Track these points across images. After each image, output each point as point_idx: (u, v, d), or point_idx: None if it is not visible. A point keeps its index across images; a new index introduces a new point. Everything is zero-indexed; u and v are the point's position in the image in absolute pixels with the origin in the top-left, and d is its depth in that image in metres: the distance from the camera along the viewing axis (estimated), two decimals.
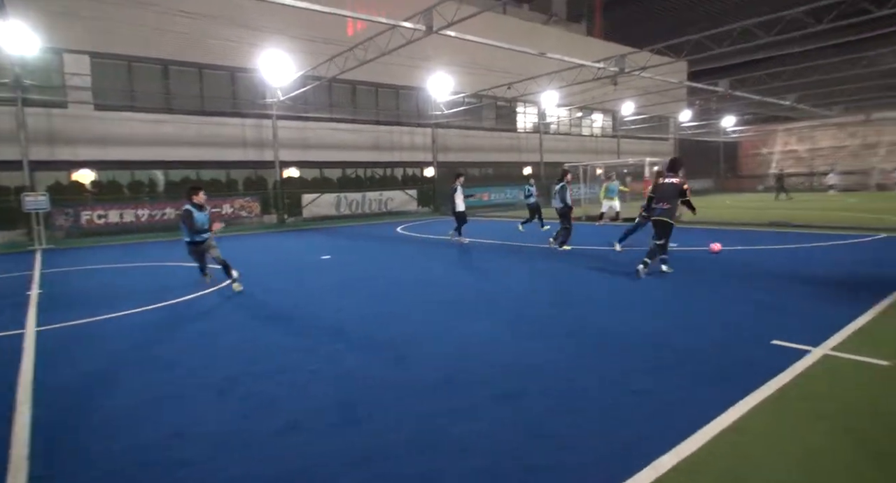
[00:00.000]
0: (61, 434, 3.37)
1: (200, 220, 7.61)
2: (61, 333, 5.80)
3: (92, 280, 9.55)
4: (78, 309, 6.87)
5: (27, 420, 3.56)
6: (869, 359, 4.16)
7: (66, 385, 4.24)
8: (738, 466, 2.73)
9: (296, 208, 22.67)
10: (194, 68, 20.84)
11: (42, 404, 3.83)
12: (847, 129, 43.14)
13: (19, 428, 3.44)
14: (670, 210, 7.97)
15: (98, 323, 6.19)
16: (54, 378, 4.40)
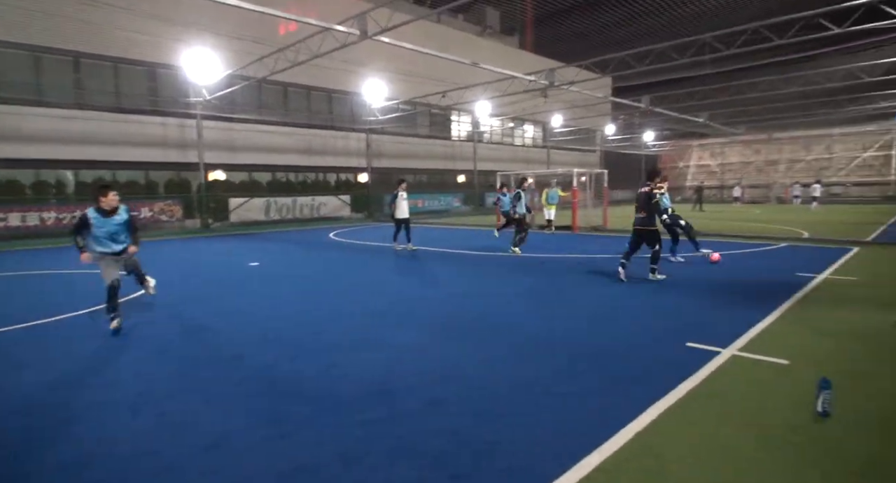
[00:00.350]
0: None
1: (102, 232, 5.74)
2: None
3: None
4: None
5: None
6: (771, 358, 4.51)
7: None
8: (655, 465, 2.87)
9: (222, 213, 21.72)
10: (109, 62, 19.56)
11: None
12: (752, 147, 46.92)
13: None
14: (647, 218, 8.02)
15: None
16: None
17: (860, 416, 3.42)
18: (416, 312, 6.52)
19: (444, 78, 27.15)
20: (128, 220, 5.98)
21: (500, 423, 3.40)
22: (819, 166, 42.96)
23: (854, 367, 4.32)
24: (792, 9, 16.17)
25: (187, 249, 14.14)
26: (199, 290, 8.19)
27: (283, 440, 3.20)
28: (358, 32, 14.83)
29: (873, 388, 3.88)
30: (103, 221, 5.78)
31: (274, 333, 5.60)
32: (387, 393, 3.91)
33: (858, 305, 6.47)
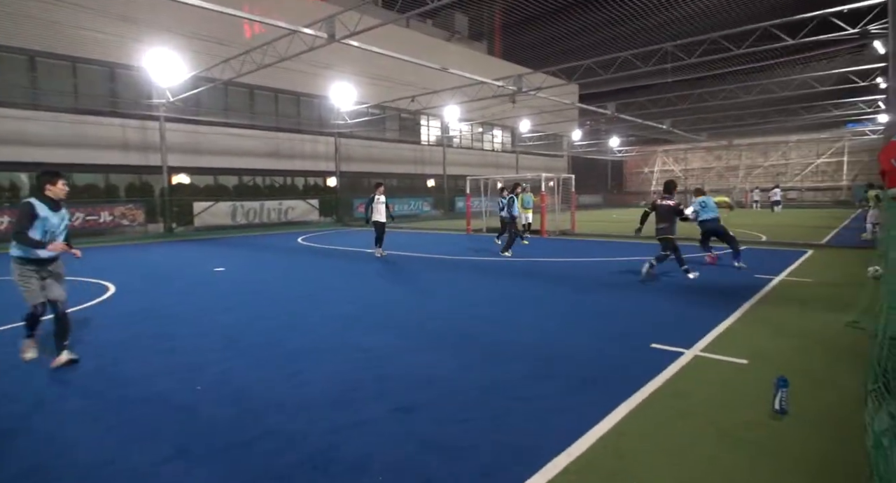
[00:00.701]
0: None
1: (49, 226, 4.64)
2: None
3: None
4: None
5: None
6: (731, 358, 4.64)
7: None
8: (621, 465, 2.92)
9: (186, 217, 21.19)
10: (67, 62, 18.90)
11: None
12: (713, 153, 48.43)
13: None
14: (668, 228, 8.71)
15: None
16: None
17: (815, 413, 3.55)
18: (384, 318, 6.48)
19: (414, 82, 27.19)
20: (68, 221, 4.99)
21: (469, 427, 3.40)
22: (776, 172, 44.61)
23: (809, 365, 4.49)
24: (748, 20, 16.81)
25: (149, 254, 13.74)
26: (161, 296, 7.96)
27: (244, 449, 3.14)
28: (326, 36, 14.73)
29: (828, 386, 4.03)
30: (48, 215, 4.63)
31: (238, 340, 5.48)
32: (354, 400, 3.88)
33: (813, 306, 6.72)
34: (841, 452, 3.04)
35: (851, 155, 41.52)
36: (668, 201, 8.81)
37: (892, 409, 3.08)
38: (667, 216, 8.71)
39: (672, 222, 8.72)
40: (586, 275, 9.57)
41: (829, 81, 26.37)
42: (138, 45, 19.04)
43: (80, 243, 9.67)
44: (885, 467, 2.66)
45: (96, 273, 10.08)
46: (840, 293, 7.41)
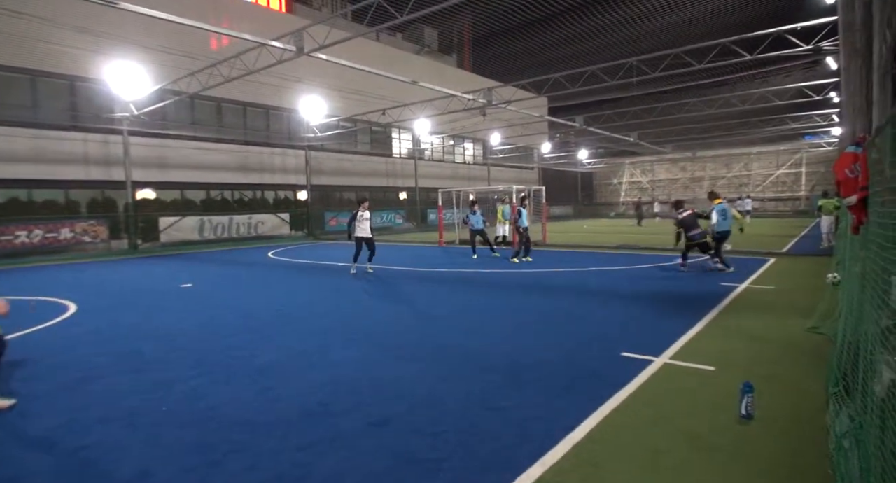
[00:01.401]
0: None
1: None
2: None
3: None
4: None
5: None
6: (699, 365, 4.73)
7: None
8: (594, 473, 2.94)
9: (152, 233, 20.64)
10: (25, 75, 18.33)
11: None
12: (679, 164, 49.69)
13: None
14: (703, 232, 10.60)
15: None
16: None
17: (780, 417, 3.64)
18: (356, 331, 6.41)
19: (385, 95, 27.25)
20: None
21: (443, 439, 3.37)
22: (739, 182, 45.98)
23: (773, 371, 4.60)
24: (709, 36, 17.41)
25: (113, 272, 13.32)
26: (125, 314, 7.70)
27: (211, 468, 3.04)
28: (294, 49, 14.66)
29: (791, 391, 4.14)
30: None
31: (206, 357, 5.34)
32: (326, 415, 3.81)
33: (776, 313, 6.92)
34: (805, 454, 3.12)
35: (809, 166, 43.15)
36: (689, 211, 10.70)
37: (851, 412, 3.18)
38: (695, 223, 10.59)
39: (699, 226, 10.54)
40: (558, 284, 9.66)
41: (786, 95, 27.45)
42: (100, 57, 18.60)
43: (38, 261, 9.34)
44: (846, 468, 2.74)
45: (56, 292, 9.72)
46: (801, 300, 7.65)
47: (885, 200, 2.43)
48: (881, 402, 2.19)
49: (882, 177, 2.59)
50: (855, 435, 2.89)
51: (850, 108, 5.94)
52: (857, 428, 2.89)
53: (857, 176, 2.83)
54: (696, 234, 10.60)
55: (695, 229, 10.60)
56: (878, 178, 2.75)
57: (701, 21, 25.40)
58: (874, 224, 2.74)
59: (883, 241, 2.44)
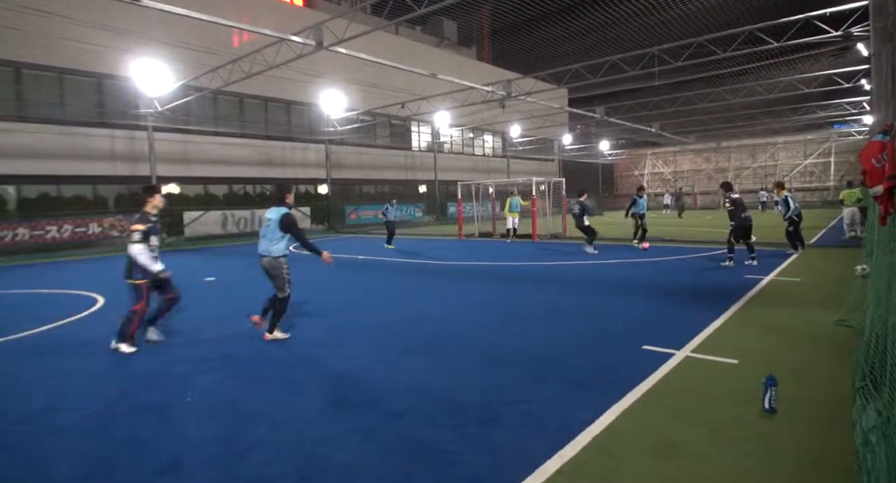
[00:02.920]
0: None
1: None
2: None
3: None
4: None
5: None
6: (722, 358, 4.66)
7: None
8: (613, 465, 2.92)
9: (176, 227, 21.05)
10: (53, 73, 18.78)
11: None
12: (703, 155, 48.78)
13: None
14: (749, 215, 10.27)
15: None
16: None
17: (804, 411, 3.57)
18: (376, 323, 6.46)
19: (404, 89, 27.25)
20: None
21: (463, 432, 3.39)
22: (765, 173, 44.97)
23: (798, 364, 4.52)
24: (734, 24, 17.01)
25: None
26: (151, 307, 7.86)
27: (238, 459, 3.11)
28: (314, 43, 14.74)
29: (816, 384, 4.06)
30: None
31: (229, 350, 5.45)
32: (345, 407, 3.86)
33: (802, 305, 6.78)
34: (830, 449, 3.06)
35: (838, 156, 41.98)
36: (737, 194, 10.39)
37: (879, 406, 3.11)
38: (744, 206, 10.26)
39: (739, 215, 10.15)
40: (578, 278, 9.60)
41: (814, 83, 26.70)
42: (125, 55, 18.95)
43: (68, 255, 9.60)
44: (874, 463, 2.68)
45: (84, 285, 9.98)
46: (828, 292, 7.47)
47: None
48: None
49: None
50: (882, 429, 2.83)
51: (880, 96, 5.75)
52: (885, 422, 2.82)
53: (883, 165, 2.75)
54: (748, 217, 10.19)
55: (746, 212, 10.23)
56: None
57: (725, 8, 24.76)
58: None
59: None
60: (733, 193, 10.38)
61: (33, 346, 5.85)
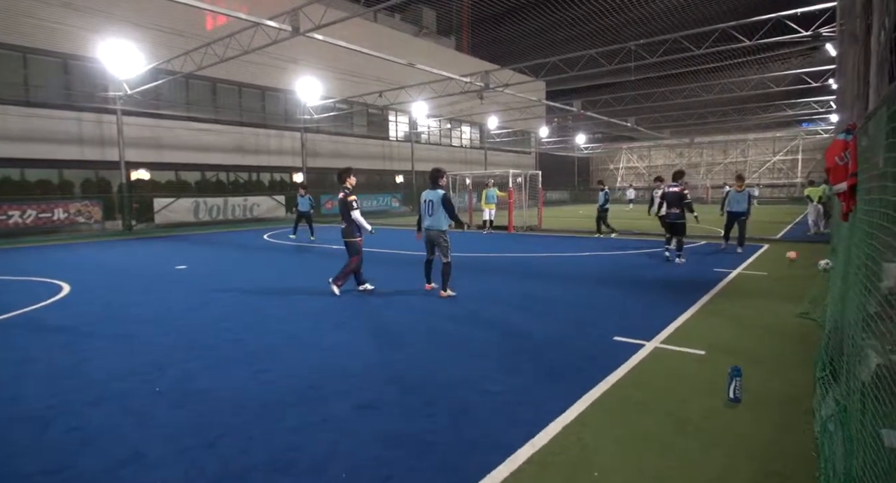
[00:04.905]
0: None
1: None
2: None
3: None
4: None
5: None
6: (689, 349, 4.78)
7: None
8: (582, 455, 2.98)
9: (146, 214, 20.56)
10: (17, 52, 18.06)
11: None
12: (676, 150, 49.63)
13: None
14: (679, 213, 9.92)
15: None
16: None
17: (768, 400, 3.69)
18: (349, 314, 6.44)
19: (382, 77, 26.98)
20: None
21: (434, 423, 3.41)
22: (736, 169, 45.99)
23: (763, 355, 4.66)
24: (708, 21, 17.28)
25: (107, 253, 13.28)
26: (119, 296, 7.70)
27: (204, 450, 3.08)
28: (290, 28, 14.47)
29: (780, 375, 4.20)
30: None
31: (200, 339, 5.36)
32: (318, 398, 3.84)
33: (767, 298, 6.98)
34: (791, 437, 3.17)
35: (805, 153, 43.18)
36: (675, 188, 10.00)
37: (837, 396, 3.23)
38: (676, 202, 9.93)
39: (682, 209, 9.90)
40: (551, 269, 9.70)
41: (784, 82, 27.36)
42: (93, 35, 18.32)
43: (32, 241, 9.32)
44: (831, 450, 2.79)
45: (49, 272, 9.70)
46: (793, 286, 7.71)
47: (872, 187, 2.44)
48: (863, 385, 2.23)
49: (870, 164, 2.60)
50: (840, 418, 2.94)
51: (846, 96, 5.92)
52: (842, 411, 2.94)
53: (846, 163, 2.84)
54: (673, 213, 9.98)
55: (673, 208, 9.97)
56: (865, 166, 2.76)
57: (700, 5, 25.11)
58: (861, 211, 2.75)
59: (868, 228, 2.45)
60: (666, 186, 10.24)
61: None
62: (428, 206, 7.17)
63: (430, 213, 7.15)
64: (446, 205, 7.03)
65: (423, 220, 7.25)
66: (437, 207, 7.06)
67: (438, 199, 7.05)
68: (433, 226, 7.13)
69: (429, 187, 7.27)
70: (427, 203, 7.19)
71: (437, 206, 7.07)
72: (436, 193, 7.12)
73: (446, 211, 7.05)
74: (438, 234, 7.12)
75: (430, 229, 7.18)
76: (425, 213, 7.20)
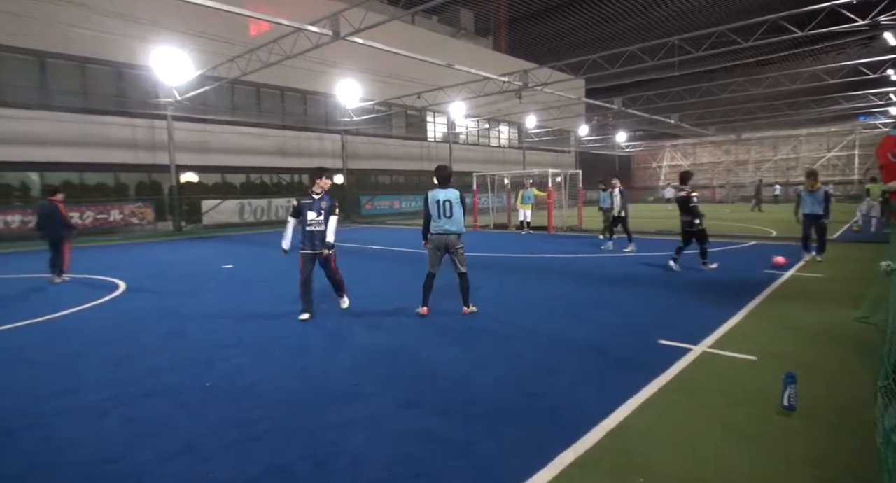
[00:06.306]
0: None
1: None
2: None
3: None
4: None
5: None
6: (740, 355, 4.61)
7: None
8: (629, 460, 2.91)
9: (195, 215, 21.33)
10: (76, 62, 19.04)
11: None
12: (722, 147, 48.01)
13: None
14: (688, 220, 9.03)
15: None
16: None
17: (824, 409, 3.52)
18: (392, 312, 6.50)
19: (420, 79, 27.14)
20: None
21: (474, 422, 3.40)
22: (786, 166, 44.18)
23: (819, 362, 4.45)
24: (757, 13, 16.62)
25: (159, 252, 13.84)
26: (170, 293, 8.01)
27: (251, 444, 3.16)
28: (331, 33, 14.72)
29: (837, 383, 4.00)
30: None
31: (247, 336, 5.52)
32: (360, 395, 3.89)
33: (823, 302, 6.66)
34: (849, 449, 3.02)
35: (863, 148, 41.02)
36: (682, 192, 9.10)
37: None
38: (684, 207, 9.05)
39: (693, 215, 8.92)
40: (594, 270, 9.54)
41: (839, 74, 26.04)
42: (145, 44, 19.13)
43: (90, 241, 9.79)
44: (895, 463, 2.64)
45: (106, 271, 10.17)
46: (851, 288, 7.33)
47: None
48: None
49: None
50: None
51: None
52: None
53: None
54: (685, 220, 9.07)
55: (682, 214, 9.12)
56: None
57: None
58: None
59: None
60: (675, 189, 9.75)
61: (57, 329, 5.98)
62: (444, 208, 6.13)
63: (449, 215, 6.13)
64: (464, 205, 6.22)
65: (436, 223, 6.19)
66: (455, 207, 6.13)
67: (457, 198, 6.16)
68: (453, 229, 6.14)
69: (438, 186, 6.26)
70: (442, 203, 6.14)
71: (456, 206, 6.14)
72: (452, 192, 6.19)
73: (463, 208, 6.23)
74: (458, 238, 6.19)
75: (449, 233, 6.15)
76: (439, 216, 6.15)
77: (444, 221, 6.13)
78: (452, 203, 6.11)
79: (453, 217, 6.14)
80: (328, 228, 6.39)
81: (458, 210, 6.17)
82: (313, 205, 6.32)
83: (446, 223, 6.13)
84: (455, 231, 6.15)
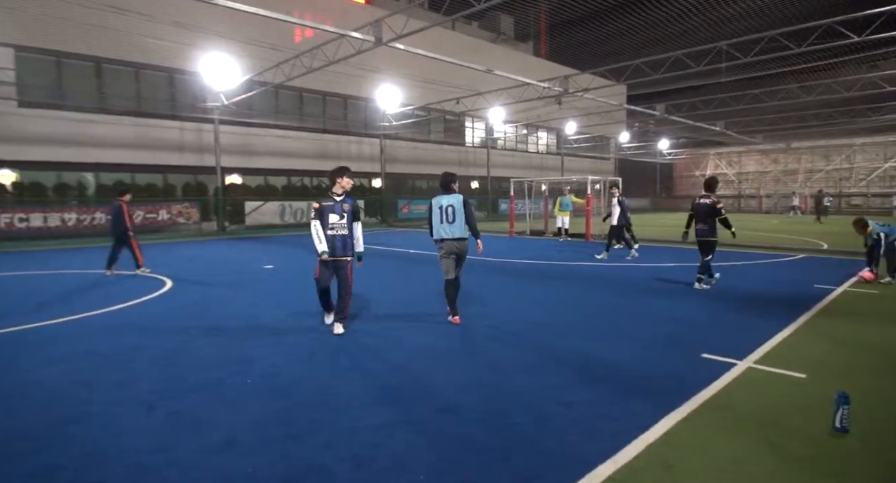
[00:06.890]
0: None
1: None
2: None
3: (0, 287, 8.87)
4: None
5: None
6: (787, 372, 4.43)
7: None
8: (667, 477, 2.84)
9: (238, 216, 21.95)
10: (131, 68, 19.93)
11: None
12: (770, 156, 46.35)
13: None
14: (709, 229, 8.14)
15: (3, 336, 5.74)
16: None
17: (879, 432, 3.35)
18: (430, 318, 6.52)
19: (459, 84, 27.24)
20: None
21: (513, 430, 3.38)
22: (839, 176, 42.28)
23: (873, 382, 4.24)
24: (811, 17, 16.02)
25: (204, 251, 14.30)
26: (214, 291, 8.27)
27: (291, 442, 3.22)
28: (373, 39, 14.95)
29: (893, 405, 3.80)
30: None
31: (287, 335, 5.63)
32: (399, 398, 3.92)
33: (879, 319, 6.35)
34: None
35: None
36: (706, 200, 8.20)
37: None
38: (706, 216, 8.14)
39: (713, 224, 8.14)
40: (635, 280, 9.35)
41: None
42: (196, 50, 19.85)
43: (139, 240, 10.21)
44: None
45: (154, 268, 10.55)
46: None
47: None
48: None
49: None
50: None
51: None
52: None
53: None
54: (701, 229, 8.25)
55: (701, 223, 8.24)
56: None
57: (801, 0, 23.38)
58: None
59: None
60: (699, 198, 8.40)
61: (111, 323, 6.24)
62: (446, 213, 6.04)
63: (451, 220, 6.03)
64: (468, 210, 6.07)
65: (438, 228, 6.12)
66: (458, 213, 6.02)
67: (460, 203, 6.04)
68: (457, 234, 6.02)
69: (441, 193, 6.20)
70: (445, 209, 6.06)
71: (459, 212, 6.03)
72: (455, 197, 6.08)
73: (468, 220, 6.06)
74: (464, 242, 6.09)
75: (455, 239, 6.05)
76: (441, 221, 6.07)
77: (446, 226, 6.07)
78: (455, 208, 6.04)
79: (455, 222, 6.05)
80: (355, 236, 6.01)
81: (461, 215, 6.05)
82: (335, 207, 5.89)
83: (448, 228, 6.06)
84: (459, 235, 6.06)
